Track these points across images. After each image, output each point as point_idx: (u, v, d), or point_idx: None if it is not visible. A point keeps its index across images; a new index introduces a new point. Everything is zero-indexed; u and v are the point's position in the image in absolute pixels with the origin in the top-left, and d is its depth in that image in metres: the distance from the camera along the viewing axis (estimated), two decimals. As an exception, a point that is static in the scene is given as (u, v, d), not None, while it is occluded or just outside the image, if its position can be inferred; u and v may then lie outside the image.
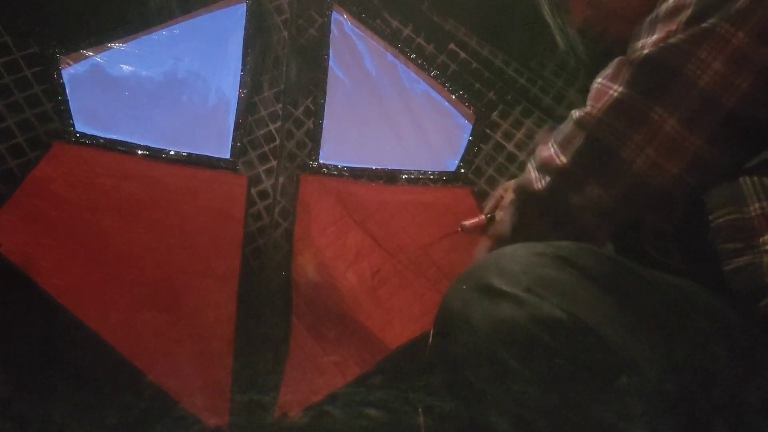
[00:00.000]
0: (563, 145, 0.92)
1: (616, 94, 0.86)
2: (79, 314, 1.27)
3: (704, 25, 0.80)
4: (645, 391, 0.75)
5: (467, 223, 1.37)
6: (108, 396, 1.24)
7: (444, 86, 1.60)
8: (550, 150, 0.94)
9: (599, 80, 0.90)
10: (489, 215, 1.33)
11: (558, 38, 1.37)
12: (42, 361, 1.23)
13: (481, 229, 1.36)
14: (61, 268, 1.29)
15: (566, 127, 0.93)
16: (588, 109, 0.89)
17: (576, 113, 0.91)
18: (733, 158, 0.82)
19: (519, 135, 1.57)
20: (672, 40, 0.82)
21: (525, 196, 0.99)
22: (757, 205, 0.78)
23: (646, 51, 0.84)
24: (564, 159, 0.91)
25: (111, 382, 1.26)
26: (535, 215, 0.99)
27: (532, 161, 0.99)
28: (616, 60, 0.89)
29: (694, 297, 0.85)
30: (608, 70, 0.90)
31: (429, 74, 1.60)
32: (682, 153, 0.83)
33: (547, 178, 0.94)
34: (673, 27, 0.82)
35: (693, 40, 0.81)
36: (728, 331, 0.81)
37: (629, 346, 0.75)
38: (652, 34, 0.85)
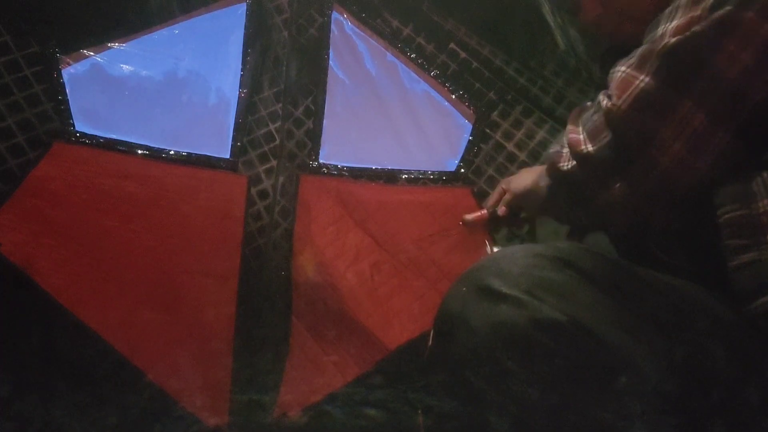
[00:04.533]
0: (591, 135, 0.91)
1: (642, 84, 0.84)
2: (79, 314, 1.27)
3: (730, 13, 0.79)
4: (644, 392, 0.75)
5: (469, 216, 1.37)
6: (108, 396, 1.24)
7: (444, 86, 1.60)
8: (579, 135, 0.93)
9: (623, 68, 0.88)
10: (491, 209, 1.33)
11: (558, 38, 1.37)
12: (42, 361, 1.23)
13: (483, 223, 1.36)
14: (61, 268, 1.29)
15: (595, 116, 0.91)
16: (614, 99, 0.87)
17: (604, 101, 0.89)
18: (757, 153, 0.80)
19: (519, 135, 1.57)
20: (697, 28, 0.81)
21: (553, 170, 0.98)
22: (766, 201, 0.78)
23: (672, 40, 0.82)
24: (591, 148, 0.90)
25: (111, 381, 1.26)
26: (561, 191, 0.99)
27: (565, 138, 0.98)
28: (641, 48, 0.87)
29: (694, 298, 0.85)
30: (632, 59, 0.88)
31: (429, 74, 1.60)
32: (711, 149, 0.81)
33: (574, 162, 0.93)
34: (697, 13, 0.81)
35: (720, 29, 0.79)
36: (727, 332, 0.81)
37: (628, 348, 0.75)
38: (673, 20, 0.83)
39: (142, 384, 1.27)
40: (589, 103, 0.99)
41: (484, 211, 1.35)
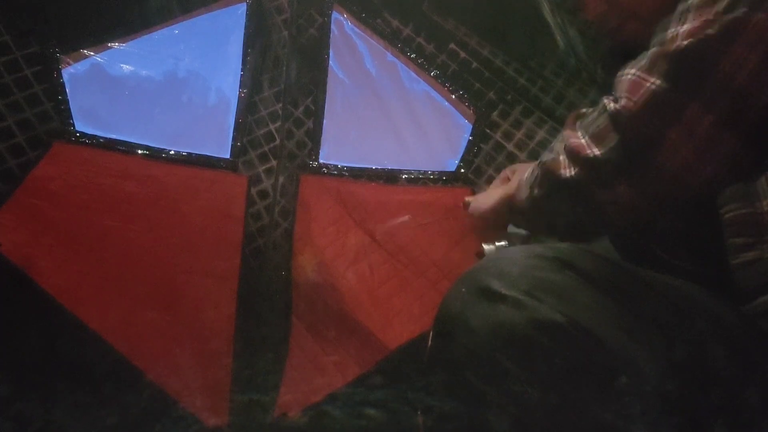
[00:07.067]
0: (596, 139, 0.88)
1: (654, 87, 0.83)
2: (79, 314, 1.27)
3: (740, 16, 0.78)
4: (644, 392, 0.75)
5: (471, 199, 1.37)
6: (108, 396, 1.24)
7: (444, 86, 1.59)
8: (580, 140, 0.90)
9: (632, 71, 0.86)
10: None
11: (558, 38, 1.36)
12: (42, 361, 1.23)
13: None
14: (61, 268, 1.29)
15: (599, 119, 0.89)
16: (624, 102, 0.85)
17: (610, 105, 0.87)
18: (764, 158, 0.80)
19: (519, 135, 1.57)
20: (708, 31, 0.79)
21: (551, 178, 0.95)
22: None
23: (684, 42, 0.81)
24: (597, 152, 0.87)
25: (111, 381, 1.26)
26: (561, 200, 0.97)
27: (561, 145, 0.96)
28: (650, 51, 0.86)
29: (693, 298, 0.85)
30: (641, 62, 0.86)
31: (429, 74, 1.60)
32: (717, 153, 0.80)
33: (576, 168, 0.90)
34: (710, 17, 0.80)
35: (729, 32, 0.78)
36: (727, 332, 0.81)
37: (628, 348, 0.76)
38: (684, 23, 0.82)
39: (142, 384, 1.27)
40: (584, 110, 0.98)
41: None
